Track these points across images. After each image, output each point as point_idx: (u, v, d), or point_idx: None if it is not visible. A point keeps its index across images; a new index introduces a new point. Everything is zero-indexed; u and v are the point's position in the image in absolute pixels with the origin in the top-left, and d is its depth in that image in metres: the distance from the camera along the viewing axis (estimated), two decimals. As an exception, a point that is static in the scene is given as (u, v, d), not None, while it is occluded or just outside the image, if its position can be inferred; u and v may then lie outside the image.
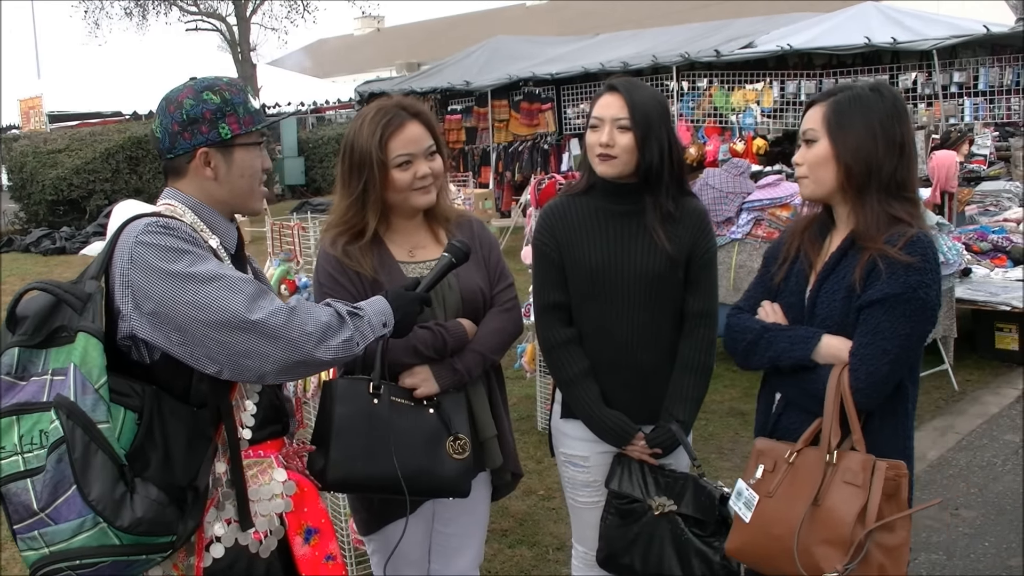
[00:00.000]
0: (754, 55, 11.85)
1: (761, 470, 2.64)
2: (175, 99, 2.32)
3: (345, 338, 2.26)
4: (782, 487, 2.58)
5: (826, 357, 2.56)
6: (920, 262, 2.46)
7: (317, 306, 2.29)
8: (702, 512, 3.00)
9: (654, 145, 3.00)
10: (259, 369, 2.17)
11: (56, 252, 16.24)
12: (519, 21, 41.25)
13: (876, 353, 2.47)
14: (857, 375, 2.49)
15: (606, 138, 3.00)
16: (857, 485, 2.44)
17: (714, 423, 6.37)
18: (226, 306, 2.12)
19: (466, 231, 3.11)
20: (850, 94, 2.59)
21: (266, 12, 27.47)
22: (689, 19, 21.16)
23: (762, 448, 2.70)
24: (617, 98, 3.02)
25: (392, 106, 2.95)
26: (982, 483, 5.33)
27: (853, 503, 2.43)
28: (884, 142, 2.53)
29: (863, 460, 2.46)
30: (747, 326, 2.75)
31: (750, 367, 2.78)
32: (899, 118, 2.57)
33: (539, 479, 5.42)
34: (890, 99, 2.59)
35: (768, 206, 6.98)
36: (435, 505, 3.06)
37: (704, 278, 3.12)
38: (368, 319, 2.36)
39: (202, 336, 2.12)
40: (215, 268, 2.18)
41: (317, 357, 2.21)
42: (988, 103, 10.45)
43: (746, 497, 2.66)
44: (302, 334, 2.17)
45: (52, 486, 1.98)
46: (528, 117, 14.81)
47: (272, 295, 2.24)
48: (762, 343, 2.68)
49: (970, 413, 6.51)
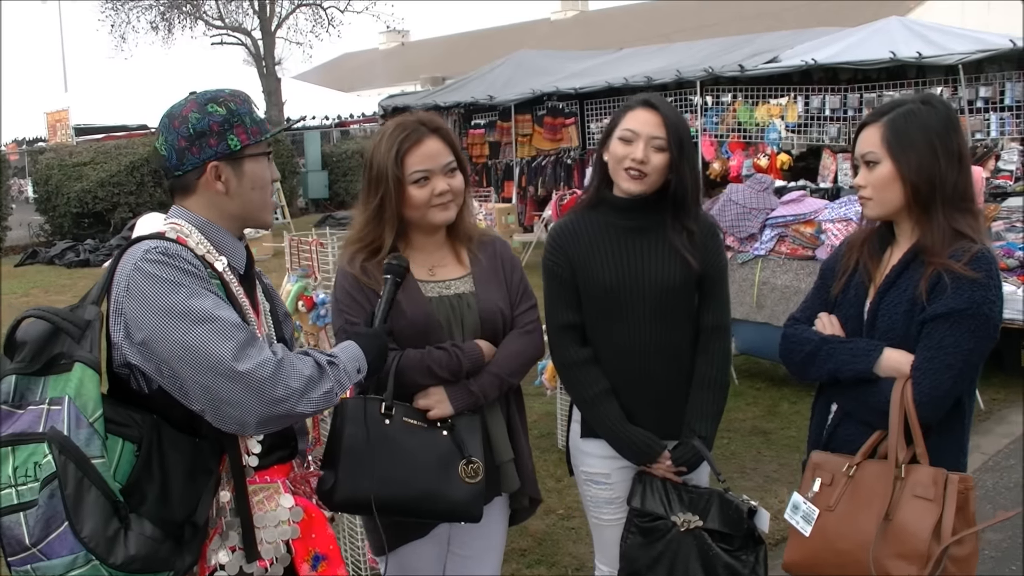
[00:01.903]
0: (778, 70, 11.77)
1: (819, 483, 2.64)
2: (179, 114, 2.26)
3: (326, 390, 2.22)
4: (844, 501, 2.58)
5: (887, 370, 2.56)
6: (985, 278, 2.46)
7: (300, 358, 2.24)
8: (730, 526, 2.96)
9: (686, 167, 2.99)
10: (240, 419, 2.11)
11: (80, 264, 16.35)
12: (544, 36, 41.36)
13: (940, 368, 2.47)
14: (920, 389, 2.49)
15: (641, 155, 2.95)
16: (929, 499, 2.44)
17: (736, 442, 6.29)
18: (214, 351, 2.07)
19: (488, 250, 3.07)
20: (904, 111, 2.57)
21: (291, 26, 27.72)
22: (714, 34, 21.08)
23: (818, 461, 2.69)
24: (655, 115, 2.98)
25: (412, 122, 2.91)
26: (1009, 505, 5.21)
27: (927, 517, 2.43)
28: (944, 155, 2.53)
29: (934, 474, 2.47)
30: (805, 337, 2.76)
31: (807, 378, 2.79)
32: (955, 128, 2.57)
33: (559, 498, 5.36)
34: (943, 111, 2.59)
35: (792, 222, 6.89)
36: (451, 528, 3.00)
37: (717, 292, 3.12)
38: (343, 366, 2.32)
39: (188, 377, 2.07)
40: (210, 307, 2.11)
41: (298, 411, 2.17)
42: (1015, 118, 10.33)
43: (804, 511, 2.65)
44: (286, 389, 2.12)
45: (44, 521, 1.93)
46: (551, 132, 14.77)
47: (262, 343, 2.18)
48: (821, 354, 2.68)
49: (996, 433, 6.40)
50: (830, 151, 11.20)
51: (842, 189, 10.19)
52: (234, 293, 2.27)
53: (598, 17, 46.11)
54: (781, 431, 6.51)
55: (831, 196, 9.65)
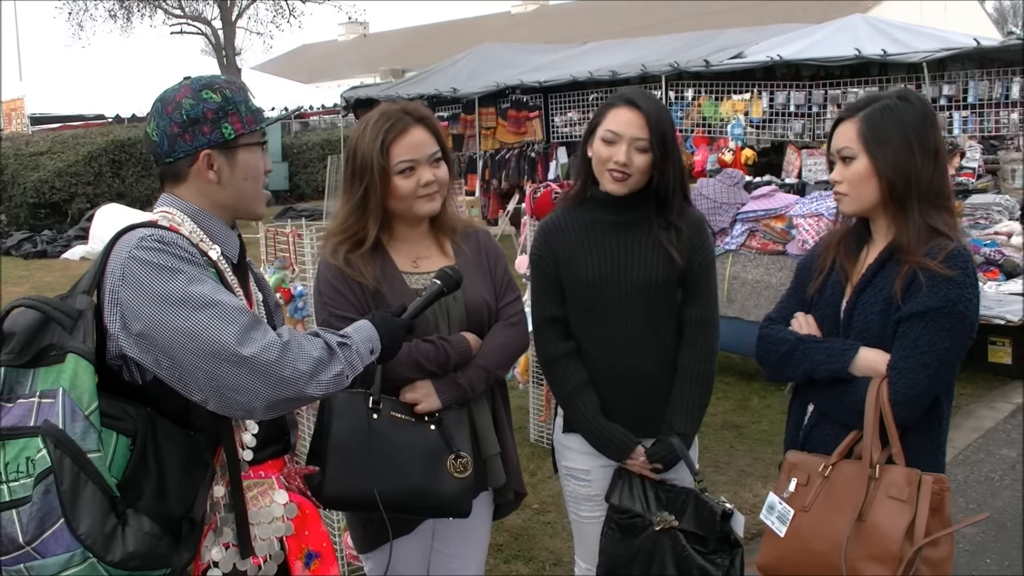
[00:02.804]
0: (743, 66, 11.81)
1: (794, 484, 2.62)
2: (172, 99, 2.18)
3: (336, 372, 2.13)
4: (818, 501, 2.55)
5: (863, 370, 2.53)
6: (960, 276, 2.44)
7: (309, 339, 2.15)
8: (703, 528, 2.93)
9: (669, 167, 2.96)
10: (247, 404, 2.03)
11: (37, 256, 16.08)
12: (504, 29, 41.30)
13: (915, 367, 2.45)
14: (896, 388, 2.46)
15: (624, 158, 2.92)
16: (903, 500, 2.41)
17: (708, 436, 6.28)
18: (217, 337, 1.98)
19: (472, 242, 3.03)
20: (880, 106, 2.55)
21: (251, 16, 27.49)
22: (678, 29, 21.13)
23: (794, 461, 2.67)
24: (638, 116, 2.93)
25: (396, 111, 2.86)
26: (981, 499, 5.27)
27: (900, 519, 2.40)
28: (921, 152, 2.51)
29: (908, 474, 2.44)
30: (781, 337, 2.73)
31: (783, 378, 2.77)
32: (931, 125, 2.55)
33: (533, 492, 5.31)
34: (919, 106, 2.57)
35: (763, 217, 6.92)
36: (435, 524, 2.97)
37: (703, 286, 3.08)
38: (356, 348, 2.23)
39: (190, 365, 1.99)
40: (210, 292, 2.04)
41: (308, 393, 2.08)
42: (977, 116, 10.44)
43: (779, 511, 2.62)
44: (294, 371, 2.04)
45: (39, 518, 1.86)
46: (515, 125, 14.72)
47: (266, 326, 2.10)
48: (797, 354, 2.66)
49: (965, 427, 6.45)
50: (794, 147, 11.25)
51: (807, 185, 10.25)
52: (229, 282, 2.21)
53: (559, 11, 46.15)
54: (753, 425, 6.53)
55: (797, 191, 9.72)
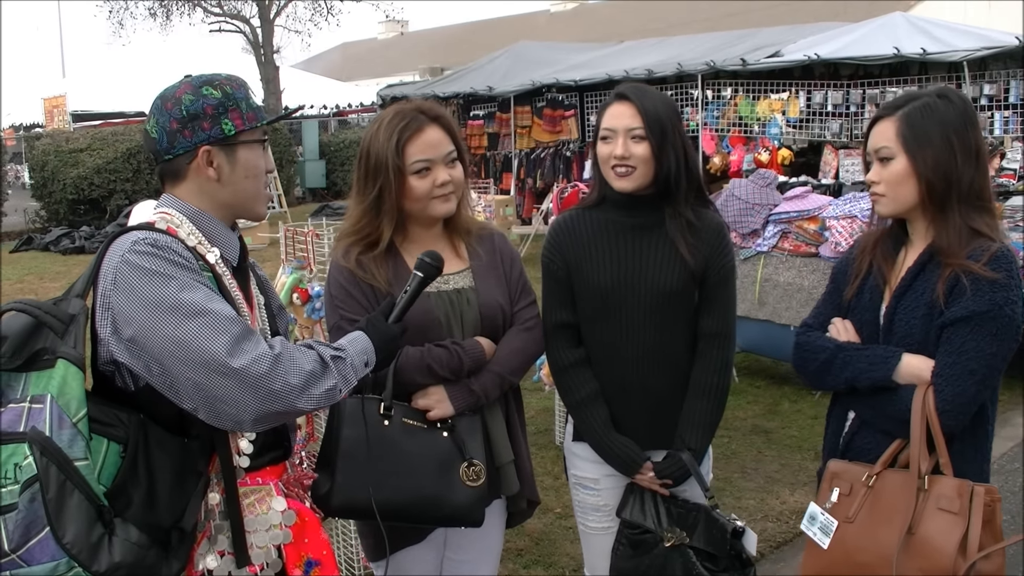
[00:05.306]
0: (780, 64, 11.68)
1: (837, 494, 2.55)
2: (172, 96, 2.16)
3: (328, 387, 2.10)
4: (863, 512, 2.49)
5: (907, 377, 2.46)
6: (1005, 278, 2.37)
7: (302, 351, 2.12)
8: (713, 546, 2.85)
9: (670, 152, 2.85)
10: (236, 416, 2.00)
11: (75, 251, 16.23)
12: (543, 27, 41.27)
13: (962, 373, 2.38)
14: (943, 396, 2.39)
15: (621, 150, 2.84)
16: (954, 512, 2.34)
17: (737, 441, 6.20)
18: (207, 347, 1.96)
19: (487, 244, 2.97)
20: (919, 105, 2.47)
21: (290, 14, 27.65)
22: (715, 27, 20.97)
23: (836, 470, 2.60)
24: (628, 107, 2.86)
25: (411, 110, 2.81)
26: (1015, 510, 5.14)
27: (952, 532, 2.33)
28: (961, 152, 2.43)
29: (958, 486, 2.36)
30: (820, 345, 2.66)
31: (824, 387, 2.71)
32: (972, 124, 2.47)
33: (556, 496, 5.27)
34: (960, 105, 2.49)
35: (795, 219, 6.80)
36: (447, 532, 2.91)
37: (720, 296, 2.96)
38: (351, 361, 2.20)
39: (178, 374, 1.97)
40: (202, 300, 2.01)
41: (298, 407, 2.05)
42: (1019, 116, 10.24)
43: (822, 522, 2.56)
44: (284, 385, 2.01)
45: (24, 526, 1.83)
46: (551, 123, 14.68)
47: (258, 336, 2.07)
48: (837, 362, 2.59)
49: (1001, 436, 6.29)
50: (831, 147, 11.10)
51: (844, 186, 10.11)
52: (226, 286, 2.17)
53: (598, 9, 45.98)
54: (782, 430, 6.42)
55: (833, 192, 9.58)
